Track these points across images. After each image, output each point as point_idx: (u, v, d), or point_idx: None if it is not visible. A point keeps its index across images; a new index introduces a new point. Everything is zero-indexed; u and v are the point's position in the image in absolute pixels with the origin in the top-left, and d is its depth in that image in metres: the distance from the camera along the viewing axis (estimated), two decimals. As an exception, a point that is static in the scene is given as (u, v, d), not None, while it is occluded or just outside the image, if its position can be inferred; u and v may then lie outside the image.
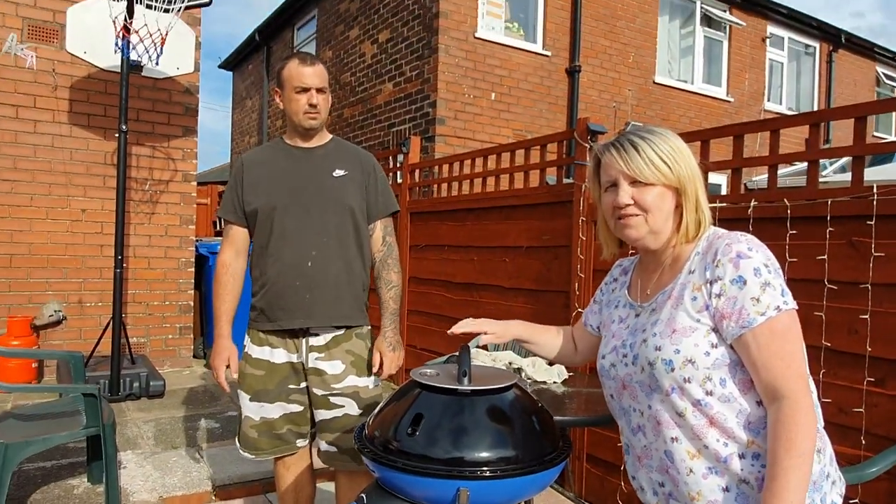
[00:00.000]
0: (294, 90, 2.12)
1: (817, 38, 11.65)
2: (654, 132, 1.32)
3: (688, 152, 1.30)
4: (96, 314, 5.23)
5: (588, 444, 3.31)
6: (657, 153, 1.28)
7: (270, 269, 2.14)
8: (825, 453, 1.23)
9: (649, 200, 1.29)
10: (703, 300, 1.21)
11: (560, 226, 3.55)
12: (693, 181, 1.28)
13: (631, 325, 1.37)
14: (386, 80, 8.43)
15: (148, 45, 4.33)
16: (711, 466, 1.22)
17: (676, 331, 1.22)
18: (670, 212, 1.30)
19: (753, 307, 1.15)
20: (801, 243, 2.40)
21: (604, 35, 8.75)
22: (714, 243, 1.24)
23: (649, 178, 1.27)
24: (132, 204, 5.36)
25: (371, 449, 1.42)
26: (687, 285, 1.25)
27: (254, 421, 2.20)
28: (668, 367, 1.22)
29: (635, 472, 1.40)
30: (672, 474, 1.27)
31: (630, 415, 1.36)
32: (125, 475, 3.19)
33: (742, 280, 1.17)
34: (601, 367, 1.43)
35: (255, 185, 2.19)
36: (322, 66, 2.17)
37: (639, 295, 1.40)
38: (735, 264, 1.18)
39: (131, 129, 5.02)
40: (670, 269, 1.32)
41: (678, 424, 1.24)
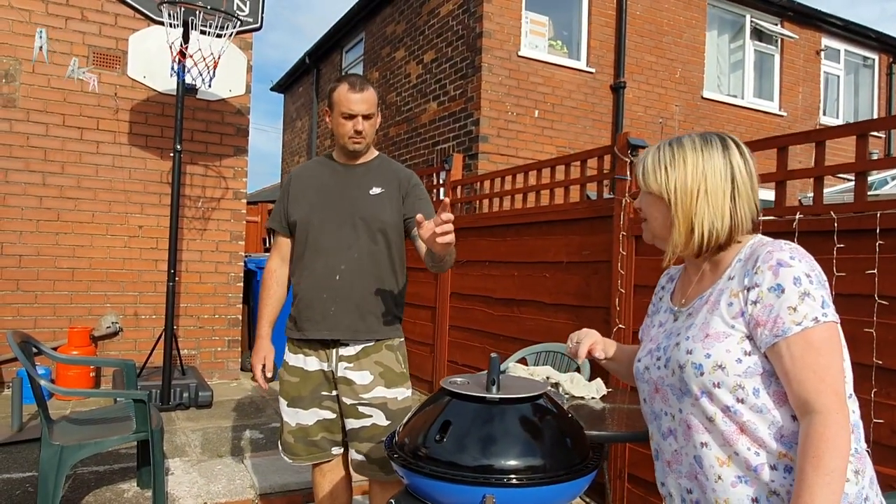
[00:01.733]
0: (342, 115, 2.18)
1: (876, 49, 11.26)
2: (679, 140, 1.31)
3: (695, 161, 1.26)
4: (150, 326, 5.43)
5: (629, 463, 3.25)
6: (654, 160, 1.30)
7: (303, 281, 2.22)
8: (865, 475, 1.18)
9: (644, 207, 1.34)
10: (740, 306, 1.19)
11: (600, 241, 3.53)
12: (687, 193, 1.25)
13: (668, 329, 1.36)
14: (430, 99, 8.55)
15: (202, 68, 4.53)
16: (741, 475, 1.19)
17: (709, 335, 1.21)
18: (667, 220, 1.30)
19: (789, 316, 1.12)
20: (849, 257, 2.32)
21: (649, 51, 8.67)
22: (757, 250, 1.21)
23: (643, 184, 1.32)
24: (185, 220, 5.57)
25: (400, 455, 1.44)
26: (725, 291, 1.23)
27: (291, 426, 2.27)
28: (698, 370, 1.21)
29: (664, 477, 1.38)
30: (700, 480, 1.25)
31: (661, 419, 1.35)
32: (172, 481, 3.29)
33: (780, 288, 1.14)
34: (636, 370, 1.42)
35: (298, 198, 2.27)
36: (371, 91, 2.20)
37: (678, 300, 1.40)
38: (774, 272, 1.15)
39: (186, 148, 5.24)
40: (710, 275, 1.31)
41: (708, 430, 1.22)
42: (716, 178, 1.25)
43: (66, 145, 5.20)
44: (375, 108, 2.23)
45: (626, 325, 3.30)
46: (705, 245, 1.27)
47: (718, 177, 1.25)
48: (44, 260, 5.13)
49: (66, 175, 5.19)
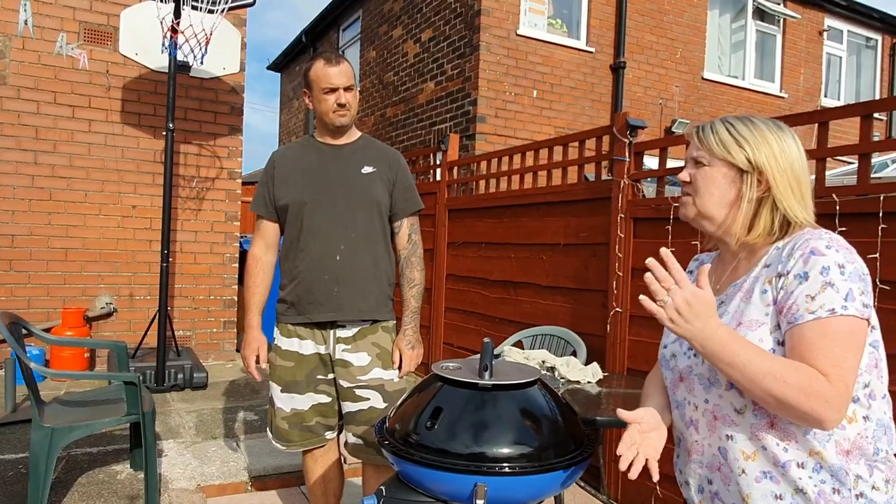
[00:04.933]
0: (322, 91, 2.15)
1: (879, 30, 11.14)
2: (748, 118, 1.24)
3: (780, 145, 1.20)
4: (145, 307, 5.40)
5: (625, 446, 3.24)
6: (729, 131, 1.22)
7: (300, 264, 2.18)
8: (894, 484, 1.14)
9: (698, 179, 1.25)
10: (773, 294, 1.15)
11: (598, 223, 3.49)
12: (783, 172, 1.18)
13: None
14: (428, 78, 8.45)
15: (193, 45, 4.44)
16: (767, 471, 1.16)
17: (742, 324, 1.16)
18: (728, 198, 1.22)
19: (805, 304, 1.08)
20: (851, 241, 2.28)
21: (650, 30, 8.56)
22: (795, 238, 1.17)
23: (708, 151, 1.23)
24: (179, 200, 5.51)
25: (391, 442, 1.41)
26: (760, 278, 1.19)
27: (285, 412, 2.23)
28: None
29: (683, 465, 1.34)
30: (724, 472, 1.21)
31: (684, 408, 1.30)
32: (166, 463, 3.28)
33: (805, 276, 1.10)
34: (662, 356, 1.37)
35: (285, 181, 2.22)
36: (348, 64, 2.19)
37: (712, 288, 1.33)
38: (805, 260, 1.11)
39: (179, 127, 5.17)
40: (745, 262, 1.25)
41: (735, 422, 1.18)
42: (797, 164, 1.20)
43: (58, 123, 5.12)
44: (354, 79, 2.20)
45: (624, 309, 3.27)
46: (780, 232, 1.20)
47: (798, 164, 1.21)
48: (36, 240, 5.08)
49: (58, 154, 5.12)
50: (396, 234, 2.28)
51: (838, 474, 1.11)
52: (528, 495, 1.35)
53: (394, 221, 2.27)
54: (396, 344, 2.25)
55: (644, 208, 3.20)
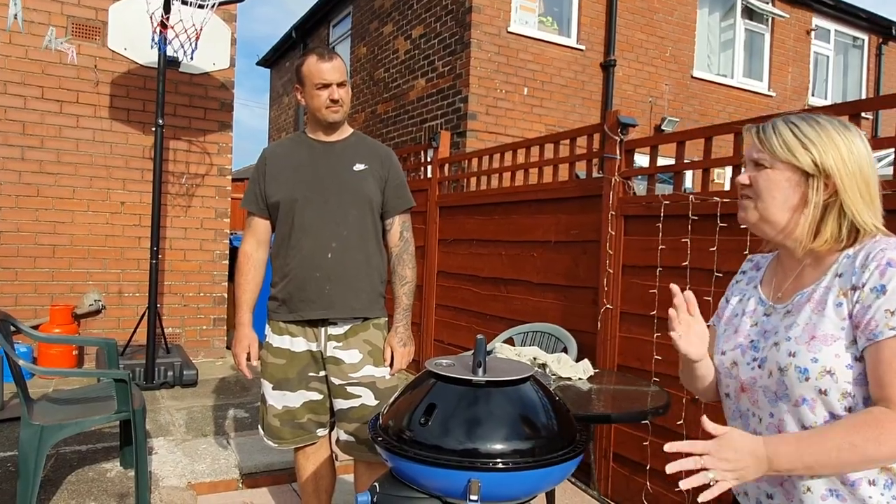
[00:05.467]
0: (315, 87, 2.15)
1: (866, 30, 11.24)
2: (812, 117, 1.18)
3: (848, 146, 1.14)
4: (134, 304, 5.37)
5: (614, 442, 3.26)
6: (793, 132, 1.16)
7: (292, 261, 2.17)
8: None
9: (760, 183, 1.18)
10: (848, 307, 1.10)
11: (589, 220, 3.50)
12: (851, 176, 1.12)
13: (761, 325, 1.25)
14: (419, 75, 8.44)
15: (183, 40, 4.42)
16: (833, 489, 1.12)
17: (816, 338, 1.11)
18: (791, 203, 1.16)
19: (885, 319, 1.04)
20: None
21: (640, 28, 8.59)
22: (868, 247, 1.11)
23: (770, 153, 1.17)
24: (169, 197, 5.48)
25: (384, 438, 1.42)
26: (832, 289, 1.13)
27: (276, 410, 2.23)
28: (803, 375, 1.11)
29: None
30: (786, 488, 1.17)
31: (748, 419, 1.25)
32: (156, 460, 3.27)
33: (883, 289, 1.05)
34: (720, 362, 1.30)
35: (277, 178, 2.21)
36: (340, 60, 2.19)
37: (772, 294, 1.27)
38: (882, 272, 1.06)
39: (168, 123, 5.13)
40: (812, 270, 1.19)
41: None
42: (867, 166, 1.15)
43: (46, 119, 5.07)
44: (347, 76, 2.20)
45: (614, 306, 3.29)
46: (847, 238, 1.14)
47: (867, 165, 1.15)
48: (24, 236, 5.04)
49: (45, 149, 5.08)
50: (388, 231, 2.29)
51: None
52: (521, 491, 1.36)
53: (385, 219, 2.27)
54: (388, 341, 2.25)
55: (635, 206, 3.22)
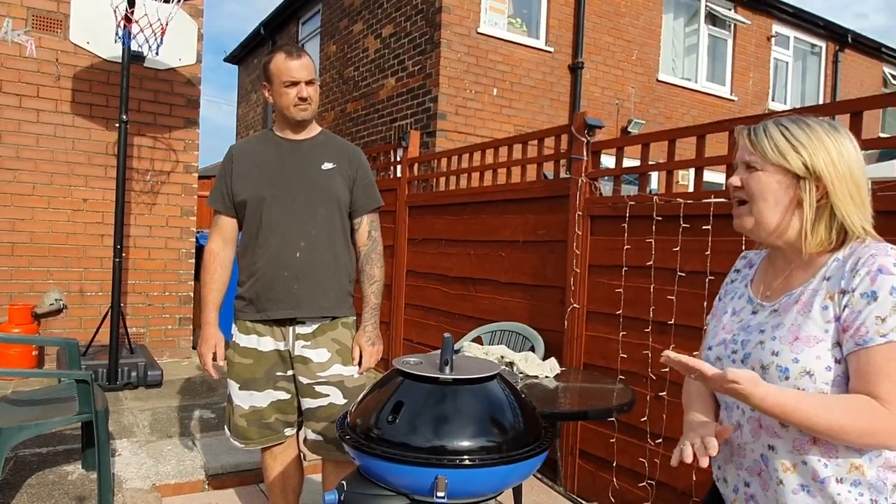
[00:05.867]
0: (283, 84, 2.13)
1: (824, 37, 11.59)
2: (802, 119, 1.20)
3: (838, 148, 1.15)
4: (97, 303, 5.25)
5: (581, 439, 3.32)
6: (784, 135, 1.17)
7: (259, 260, 2.16)
8: None
9: (752, 185, 1.20)
10: (834, 311, 1.12)
11: (556, 220, 3.55)
12: (841, 179, 1.14)
13: (745, 321, 1.28)
14: (389, 74, 8.43)
15: (148, 35, 4.34)
16: (804, 484, 1.15)
17: (799, 339, 1.14)
18: (783, 205, 1.18)
19: (875, 326, 1.06)
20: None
21: (607, 32, 8.72)
22: (857, 251, 1.13)
23: (761, 156, 1.18)
24: (133, 194, 5.38)
25: (352, 436, 1.43)
26: (819, 292, 1.15)
27: (243, 410, 2.22)
28: (783, 374, 1.14)
29: (724, 462, 1.33)
30: (763, 478, 1.22)
31: (732, 410, 1.29)
32: (119, 462, 3.22)
33: (874, 295, 1.07)
34: (706, 357, 1.33)
35: (244, 176, 2.20)
36: (309, 58, 2.18)
37: (760, 292, 1.30)
38: (872, 278, 1.08)
39: (133, 119, 5.04)
40: (802, 271, 1.21)
41: (779, 434, 1.18)
42: (857, 168, 1.16)
43: (4, 113, 4.92)
44: (315, 73, 2.20)
45: (581, 305, 3.34)
46: (837, 240, 1.16)
47: (858, 168, 1.16)
48: (-20, 234, 4.89)
49: (4, 145, 4.93)
50: (356, 230, 2.28)
51: (876, 486, 1.12)
52: (487, 487, 1.39)
53: (353, 218, 2.27)
54: (356, 340, 2.25)
55: (601, 206, 3.28)
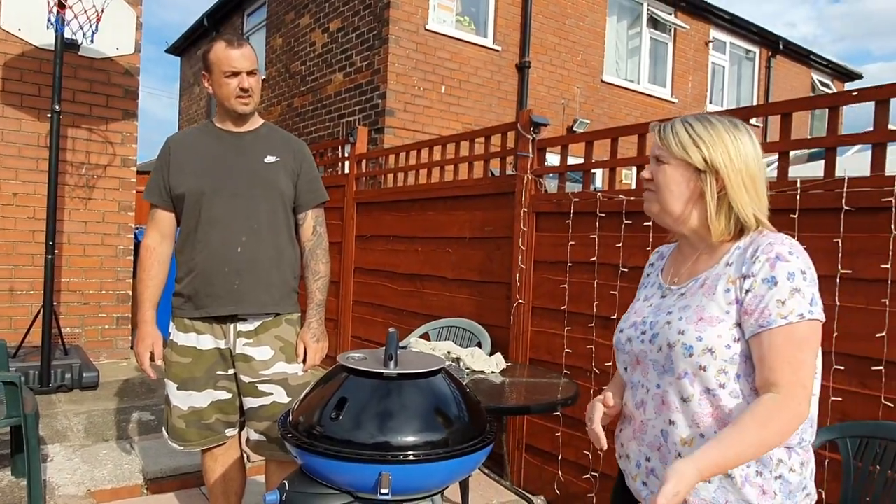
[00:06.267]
0: (224, 74, 2.07)
1: (758, 43, 12.07)
2: (706, 117, 1.29)
3: (736, 144, 1.24)
4: (28, 302, 5.00)
5: (527, 433, 3.36)
6: (688, 131, 1.27)
7: (198, 255, 2.09)
8: (808, 467, 1.25)
9: (659, 177, 1.30)
10: (735, 294, 1.20)
11: (503, 217, 3.58)
12: (737, 172, 1.23)
13: (655, 305, 1.36)
14: (336, 70, 8.33)
15: (83, 21, 4.16)
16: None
17: (703, 319, 1.22)
18: (685, 195, 1.27)
19: (777, 309, 1.15)
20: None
21: (553, 32, 8.85)
22: (757, 240, 1.22)
23: (667, 150, 1.28)
24: (67, 188, 5.14)
25: (294, 435, 1.41)
26: (722, 277, 1.24)
27: (182, 411, 2.15)
28: (687, 352, 1.22)
29: (626, 440, 1.40)
30: (662, 452, 1.28)
31: (637, 389, 1.36)
32: (52, 468, 3.08)
33: (773, 281, 1.16)
34: (617, 339, 1.41)
35: (182, 169, 2.13)
36: (250, 48, 2.13)
37: (669, 278, 1.39)
38: (772, 265, 1.17)
39: (67, 110, 4.82)
40: (706, 258, 1.30)
41: (680, 409, 1.25)
42: (753, 163, 1.25)
43: (-77, 102, 4.64)
44: (257, 64, 2.14)
45: (526, 300, 3.38)
46: (735, 230, 1.25)
47: (754, 163, 1.25)
48: None
49: (-78, 135, 4.65)
50: (301, 225, 2.24)
51: (763, 459, 1.20)
52: (432, 482, 1.39)
53: (298, 213, 2.23)
54: (301, 337, 2.21)
55: (546, 203, 3.33)
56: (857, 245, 2.19)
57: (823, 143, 2.36)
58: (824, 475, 2.23)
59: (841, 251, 2.22)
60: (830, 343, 2.22)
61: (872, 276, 2.14)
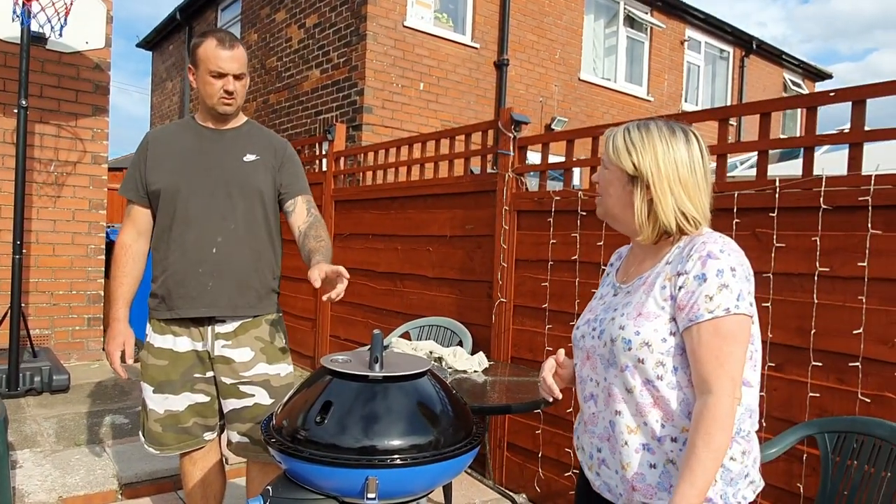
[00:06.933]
0: (210, 73, 2.01)
1: (731, 43, 12.24)
2: (645, 123, 1.35)
3: (665, 150, 1.29)
4: (-7, 304, 4.87)
5: (509, 432, 3.36)
6: (624, 138, 1.33)
7: (172, 255, 2.03)
8: (750, 455, 1.31)
9: (601, 182, 1.39)
10: (670, 290, 1.27)
11: (484, 215, 3.57)
12: (662, 178, 1.28)
13: (607, 303, 1.43)
14: (313, 66, 8.24)
15: (51, 14, 4.05)
16: (645, 443, 1.29)
17: (641, 314, 1.29)
18: (623, 200, 1.34)
19: (705, 304, 1.21)
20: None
21: (531, 30, 8.86)
22: (694, 240, 1.28)
23: (606, 158, 1.36)
24: (34, 186, 5.01)
25: (278, 439, 1.37)
26: (661, 274, 1.30)
27: (158, 414, 2.09)
28: (627, 345, 1.28)
29: (580, 433, 1.46)
30: (611, 443, 1.34)
31: (586, 383, 1.42)
32: (21, 475, 2.99)
33: (703, 277, 1.22)
34: (574, 336, 1.48)
35: (159, 165, 2.07)
36: (242, 50, 2.06)
37: (621, 277, 1.46)
38: (703, 262, 1.23)
39: (34, 105, 4.69)
40: (652, 258, 1.37)
41: (625, 400, 1.31)
42: (683, 168, 1.30)
43: None
44: (246, 67, 2.08)
45: (508, 299, 3.37)
46: (665, 231, 1.30)
47: (685, 168, 1.30)
48: None
49: None
50: (292, 211, 2.13)
51: None
52: (419, 486, 1.37)
53: (286, 202, 2.14)
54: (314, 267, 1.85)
55: (527, 201, 3.32)
56: (834, 243, 2.21)
57: (802, 143, 2.38)
58: (802, 469, 2.26)
59: (819, 249, 2.24)
60: (808, 340, 2.25)
61: (849, 273, 2.17)
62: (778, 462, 2.17)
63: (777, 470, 2.27)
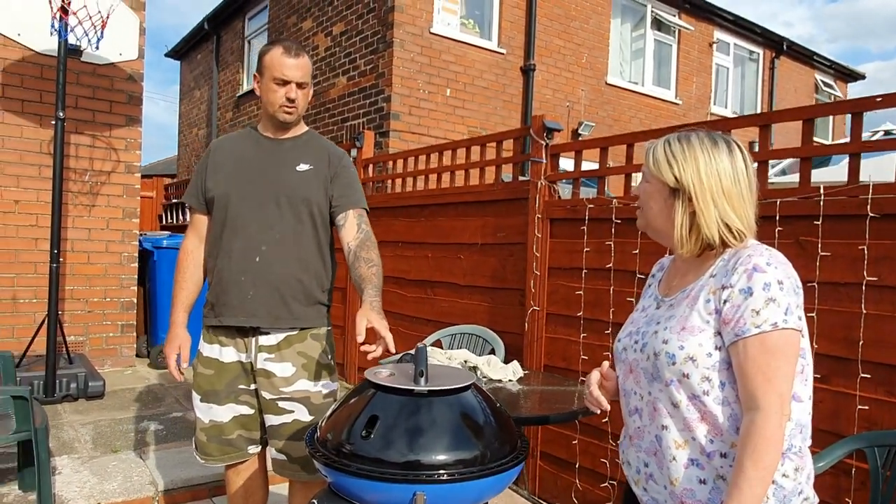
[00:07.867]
0: (273, 80, 2.01)
1: (761, 44, 12.05)
2: (687, 135, 1.33)
3: (708, 161, 1.27)
4: (31, 311, 4.96)
5: (542, 441, 3.32)
6: (665, 150, 1.32)
7: (220, 262, 2.04)
8: (803, 472, 1.27)
9: (641, 195, 1.39)
10: (715, 304, 1.25)
11: (516, 223, 3.54)
12: (704, 190, 1.26)
13: (649, 315, 1.41)
14: (340, 73, 8.30)
15: (87, 27, 4.13)
16: (694, 458, 1.26)
17: (685, 328, 1.27)
18: (665, 212, 1.33)
19: (751, 318, 1.19)
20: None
21: (558, 35, 8.82)
22: (739, 252, 1.26)
23: (646, 170, 1.36)
24: (70, 195, 5.10)
25: (323, 453, 1.37)
26: (705, 287, 1.28)
27: (203, 423, 2.10)
28: (671, 360, 1.26)
29: (626, 448, 1.44)
30: (658, 457, 1.32)
31: (630, 397, 1.40)
32: (60, 481, 3.03)
33: (749, 291, 1.20)
34: (616, 349, 1.47)
35: (217, 172, 2.09)
36: (307, 59, 2.06)
37: (664, 289, 1.44)
38: (749, 275, 1.21)
39: (70, 116, 4.78)
40: (695, 271, 1.34)
41: (671, 414, 1.28)
42: (726, 179, 1.28)
43: (-75, 108, 4.60)
44: (310, 77, 2.09)
45: (541, 307, 3.34)
46: (708, 244, 1.28)
47: (728, 179, 1.28)
48: None
49: (-75, 142, 4.61)
50: (342, 225, 2.09)
51: None
52: (466, 501, 1.35)
53: (337, 215, 2.09)
54: (363, 314, 1.78)
55: (560, 209, 3.29)
56: (883, 251, 2.15)
57: (848, 150, 2.32)
58: (851, 484, 2.19)
59: (866, 258, 2.18)
60: (856, 351, 2.19)
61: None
62: (825, 476, 2.11)
63: (824, 484, 2.21)
